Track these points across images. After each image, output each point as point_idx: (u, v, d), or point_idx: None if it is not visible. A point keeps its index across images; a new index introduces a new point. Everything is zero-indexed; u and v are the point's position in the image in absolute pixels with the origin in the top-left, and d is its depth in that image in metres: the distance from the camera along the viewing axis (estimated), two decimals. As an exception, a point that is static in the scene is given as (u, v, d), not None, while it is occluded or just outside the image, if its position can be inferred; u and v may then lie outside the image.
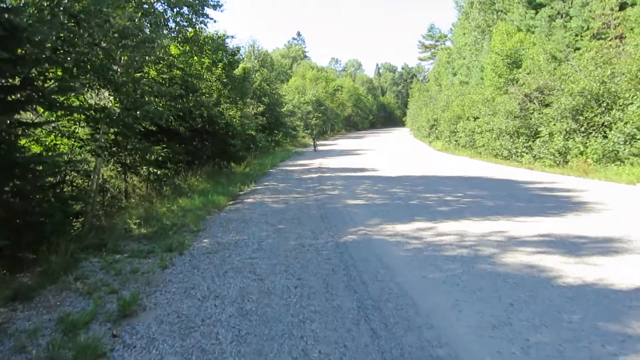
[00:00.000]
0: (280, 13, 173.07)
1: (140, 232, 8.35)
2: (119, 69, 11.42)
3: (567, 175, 16.42)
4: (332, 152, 32.80)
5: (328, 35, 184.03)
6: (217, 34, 16.05)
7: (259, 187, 14.66)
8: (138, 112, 9.89)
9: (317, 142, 37.70)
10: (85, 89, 8.91)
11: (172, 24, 13.70)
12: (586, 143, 18.70)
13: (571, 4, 28.59)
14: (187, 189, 13.87)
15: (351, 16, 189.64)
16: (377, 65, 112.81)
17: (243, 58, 19.50)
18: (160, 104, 13.32)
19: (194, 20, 14.09)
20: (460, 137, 31.63)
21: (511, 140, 24.11)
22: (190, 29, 14.10)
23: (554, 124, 21.16)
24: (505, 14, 38.07)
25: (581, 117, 19.21)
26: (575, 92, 20.29)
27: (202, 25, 14.26)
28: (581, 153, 18.66)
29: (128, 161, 11.62)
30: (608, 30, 24.79)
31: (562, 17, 29.64)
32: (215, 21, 14.95)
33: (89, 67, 8.03)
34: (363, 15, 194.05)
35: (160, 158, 13.90)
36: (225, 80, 18.14)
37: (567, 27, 28.00)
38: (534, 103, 23.47)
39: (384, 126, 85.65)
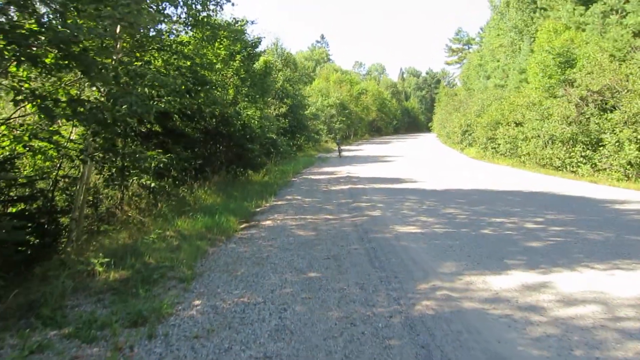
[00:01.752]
0: (304, 17, 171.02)
1: (108, 277, 5.64)
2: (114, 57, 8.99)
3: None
4: (358, 159, 29.93)
5: (352, 39, 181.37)
6: (235, 20, 13.35)
7: (279, 203, 11.88)
8: (122, 106, 7.25)
9: (342, 147, 34.87)
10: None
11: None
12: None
13: (627, -1, 25.32)
14: (193, 203, 11.20)
15: (375, 20, 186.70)
16: (401, 69, 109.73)
17: (264, 51, 16.85)
18: (163, 100, 10.76)
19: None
20: (500, 144, 28.48)
21: (564, 148, 20.97)
22: (201, 9, 11.51)
23: (621, 131, 18.00)
24: (546, 11, 34.84)
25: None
26: (650, 94, 17.21)
27: (216, 6, 11.72)
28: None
29: (113, 171, 8.99)
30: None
31: (617, 12, 26.37)
32: (233, 4, 12.12)
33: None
34: (387, 19, 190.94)
35: (161, 165, 11.34)
36: (243, 75, 15.50)
37: (623, 24, 24.68)
38: (591, 107, 20.30)
39: (408, 131, 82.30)
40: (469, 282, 5.23)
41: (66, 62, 5.96)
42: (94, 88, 8.24)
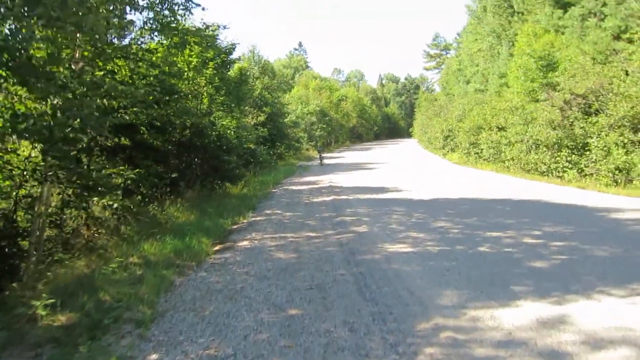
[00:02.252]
0: (281, 24, 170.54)
1: (52, 322, 4.76)
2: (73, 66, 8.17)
3: (647, 199, 12.86)
4: (340, 167, 29.23)
5: (330, 46, 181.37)
6: (205, 25, 12.50)
7: (258, 219, 11.04)
8: (75, 120, 6.38)
9: (323, 155, 34.14)
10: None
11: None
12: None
13: (603, 2, 25.23)
14: (164, 222, 10.32)
15: (352, 27, 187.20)
16: (380, 75, 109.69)
17: (239, 58, 16.03)
18: (128, 112, 9.90)
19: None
20: (483, 149, 28.11)
21: (549, 153, 20.58)
22: (168, 14, 10.69)
23: (607, 135, 17.65)
24: (524, 15, 34.76)
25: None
26: (635, 97, 16.88)
27: (185, 11, 10.91)
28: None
29: (70, 191, 8.06)
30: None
31: (595, 15, 26.29)
32: (203, 9, 11.15)
33: None
34: (364, 25, 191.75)
35: (129, 182, 10.46)
36: (217, 83, 14.65)
37: (602, 27, 24.56)
38: (574, 111, 19.97)
39: (388, 137, 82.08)
40: (476, 318, 4.48)
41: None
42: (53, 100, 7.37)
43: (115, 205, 8.41)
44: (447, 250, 7.29)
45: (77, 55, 9.42)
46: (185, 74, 14.49)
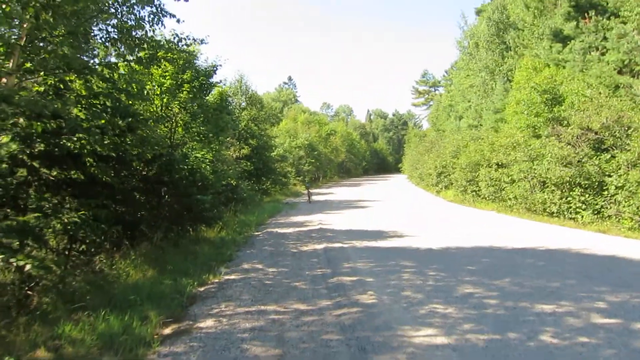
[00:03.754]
0: (270, 59, 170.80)
1: None
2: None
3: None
4: (330, 204, 26.95)
5: (319, 81, 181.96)
6: (178, 37, 10.29)
7: (232, 277, 8.60)
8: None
9: (311, 191, 31.90)
10: None
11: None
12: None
13: (604, 36, 23.96)
14: (112, 281, 7.93)
15: (342, 62, 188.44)
16: (368, 111, 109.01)
17: (221, 82, 13.95)
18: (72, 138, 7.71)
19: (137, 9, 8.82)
20: (481, 187, 26.16)
21: (559, 192, 18.62)
22: (133, 23, 8.65)
23: (626, 173, 15.76)
24: (519, 49, 33.59)
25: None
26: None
27: (154, 20, 8.93)
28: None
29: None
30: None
31: (597, 50, 24.99)
32: (178, 21, 9.01)
33: None
34: (354, 61, 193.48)
35: (70, 228, 8.09)
36: (194, 109, 12.47)
37: (604, 61, 23.15)
38: (584, 147, 18.14)
39: (377, 173, 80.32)
40: None
41: None
42: None
43: (29, 266, 6.00)
44: (498, 342, 4.98)
45: (11, 65, 7.26)
46: (157, 97, 12.33)
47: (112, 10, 8.52)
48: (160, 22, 9.03)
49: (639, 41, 20.94)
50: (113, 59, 9.47)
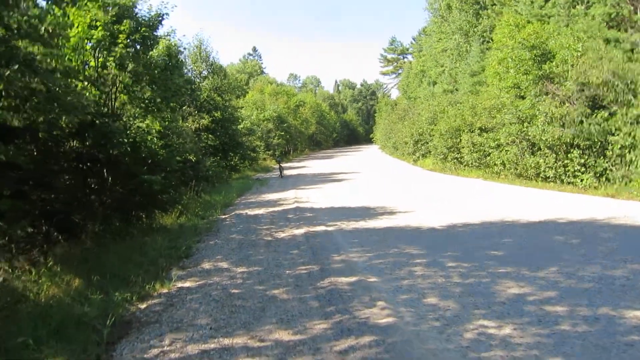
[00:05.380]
0: (234, 29, 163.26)
1: None
2: None
3: None
4: (304, 179, 24.71)
5: (285, 52, 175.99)
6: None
7: (186, 285, 6.25)
8: None
9: (283, 165, 29.52)
10: None
11: None
12: None
13: (588, -12, 22.17)
14: (21, 297, 5.56)
15: (308, 32, 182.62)
16: (336, 81, 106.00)
17: (169, 35, 11.16)
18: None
19: None
20: (464, 154, 24.36)
21: (555, 155, 16.93)
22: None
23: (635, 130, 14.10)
24: (495, 7, 31.59)
25: None
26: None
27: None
28: None
29: None
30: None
31: (581, 3, 23.18)
32: None
33: None
34: (320, 31, 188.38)
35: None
36: (134, 67, 9.87)
37: (590, 15, 21.32)
38: (581, 104, 16.36)
39: (348, 144, 78.15)
40: None
41: None
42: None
43: None
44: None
45: None
46: (88, 54, 9.67)
47: None
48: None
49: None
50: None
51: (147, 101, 10.52)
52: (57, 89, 6.26)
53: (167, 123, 11.65)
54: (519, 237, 8.16)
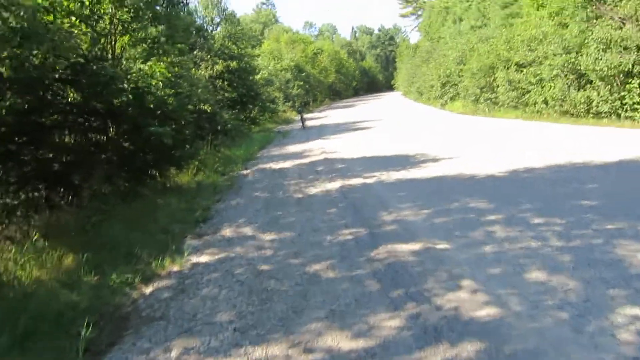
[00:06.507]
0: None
1: None
2: None
3: None
4: (328, 129, 23.10)
5: (299, 0, 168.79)
6: None
7: (204, 261, 4.92)
8: None
9: (304, 116, 27.84)
10: None
11: None
12: None
13: None
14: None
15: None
16: (353, 28, 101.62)
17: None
18: None
19: None
20: (499, 93, 22.25)
21: (609, 88, 14.86)
22: None
23: None
24: None
25: None
26: None
27: None
28: None
29: None
30: None
31: None
32: None
33: None
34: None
35: None
36: (134, 1, 8.27)
37: None
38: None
39: (368, 92, 75.07)
40: None
41: None
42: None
43: None
44: None
45: None
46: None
47: None
48: None
49: None
50: None
51: (149, 42, 8.94)
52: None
53: (176, 69, 10.10)
54: (603, 182, 6.59)
